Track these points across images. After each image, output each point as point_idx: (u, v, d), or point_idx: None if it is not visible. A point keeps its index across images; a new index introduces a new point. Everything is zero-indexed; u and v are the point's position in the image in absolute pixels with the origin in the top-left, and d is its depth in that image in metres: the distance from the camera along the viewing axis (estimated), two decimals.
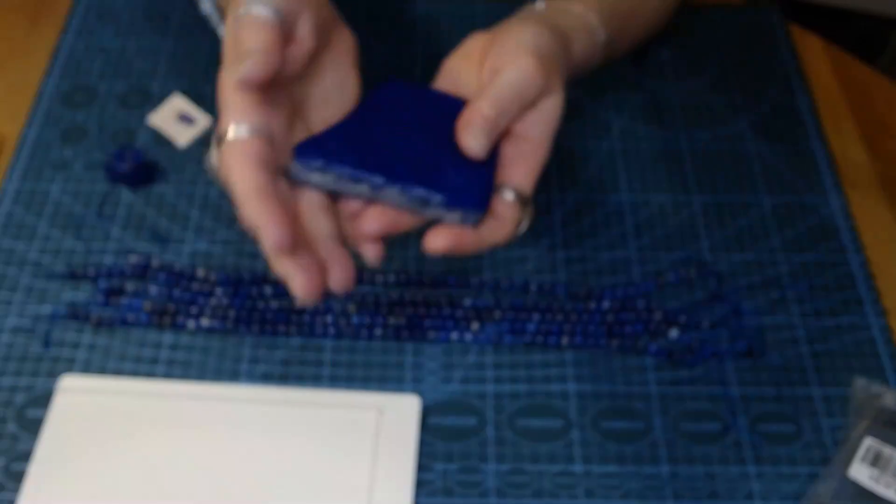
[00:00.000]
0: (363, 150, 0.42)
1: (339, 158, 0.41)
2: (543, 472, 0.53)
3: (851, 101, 0.74)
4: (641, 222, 0.65)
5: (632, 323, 0.59)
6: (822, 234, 0.65)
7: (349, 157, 0.42)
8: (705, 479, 0.53)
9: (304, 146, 0.42)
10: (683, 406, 0.56)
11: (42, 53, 0.75)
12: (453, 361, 0.58)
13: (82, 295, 0.60)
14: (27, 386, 0.56)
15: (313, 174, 0.42)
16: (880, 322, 0.60)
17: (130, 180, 0.65)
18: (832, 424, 0.55)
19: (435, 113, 0.46)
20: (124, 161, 0.65)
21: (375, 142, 0.43)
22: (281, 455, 0.53)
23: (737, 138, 0.71)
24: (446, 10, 0.80)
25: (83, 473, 0.51)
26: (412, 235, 0.64)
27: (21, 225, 0.63)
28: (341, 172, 0.42)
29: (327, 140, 0.43)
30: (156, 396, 0.55)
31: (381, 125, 0.44)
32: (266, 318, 0.59)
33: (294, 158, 0.42)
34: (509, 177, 0.46)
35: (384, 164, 0.42)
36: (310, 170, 0.42)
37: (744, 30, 0.79)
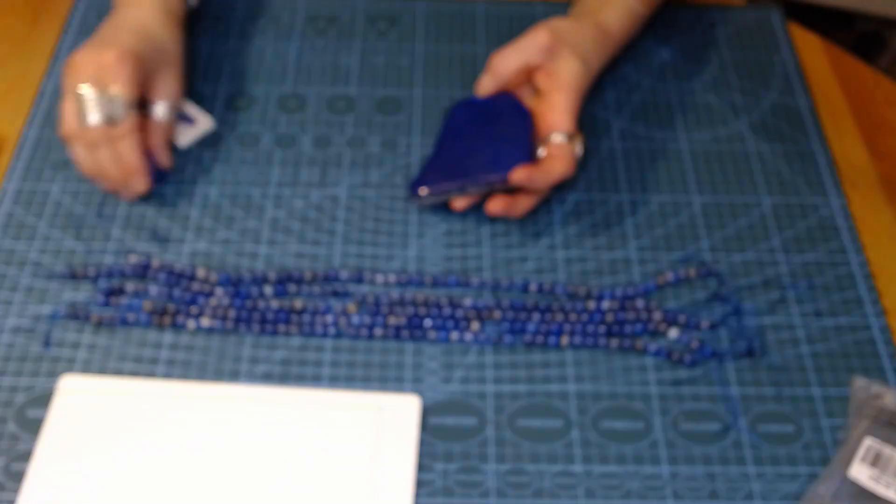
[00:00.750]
0: (448, 169, 0.61)
1: (436, 184, 0.61)
2: (543, 472, 0.53)
3: (851, 101, 0.74)
4: (641, 222, 0.65)
5: (632, 323, 0.59)
6: (821, 234, 0.65)
7: (441, 180, 0.61)
8: (705, 479, 0.53)
9: (415, 183, 0.62)
10: (683, 406, 0.56)
11: (43, 53, 0.75)
12: (453, 361, 0.58)
13: (82, 295, 0.60)
14: (27, 386, 0.56)
15: (424, 199, 0.62)
16: (880, 322, 0.60)
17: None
18: (832, 424, 0.55)
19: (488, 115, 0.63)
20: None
21: (454, 158, 0.62)
22: (281, 455, 0.53)
23: (737, 138, 0.71)
24: (447, 10, 0.80)
25: (83, 473, 0.51)
26: (411, 236, 0.64)
27: (21, 225, 0.63)
28: (439, 192, 0.61)
29: (425, 173, 0.62)
30: (156, 396, 0.55)
31: (456, 142, 0.63)
32: (266, 318, 0.59)
33: (410, 192, 0.62)
34: (550, 124, 0.61)
35: (462, 171, 0.61)
36: (420, 197, 0.62)
37: (744, 30, 0.79)
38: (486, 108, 0.64)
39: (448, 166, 0.61)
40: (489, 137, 0.62)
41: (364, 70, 0.75)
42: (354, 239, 0.64)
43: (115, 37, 0.63)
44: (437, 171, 0.61)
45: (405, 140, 0.70)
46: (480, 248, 0.64)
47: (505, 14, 0.80)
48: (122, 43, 0.62)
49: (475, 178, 0.60)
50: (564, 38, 0.63)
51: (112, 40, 0.62)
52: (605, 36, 0.67)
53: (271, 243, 0.63)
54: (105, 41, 0.62)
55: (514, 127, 0.62)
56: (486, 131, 0.63)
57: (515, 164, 0.59)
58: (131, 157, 0.61)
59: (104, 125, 0.60)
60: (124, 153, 0.61)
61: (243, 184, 0.67)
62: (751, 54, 0.77)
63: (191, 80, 0.73)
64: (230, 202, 0.65)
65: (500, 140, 0.61)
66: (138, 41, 0.63)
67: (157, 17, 0.66)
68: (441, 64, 0.75)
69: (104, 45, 0.61)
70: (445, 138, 0.64)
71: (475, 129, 0.63)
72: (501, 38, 0.78)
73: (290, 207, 0.65)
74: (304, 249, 0.63)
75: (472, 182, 0.60)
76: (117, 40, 0.62)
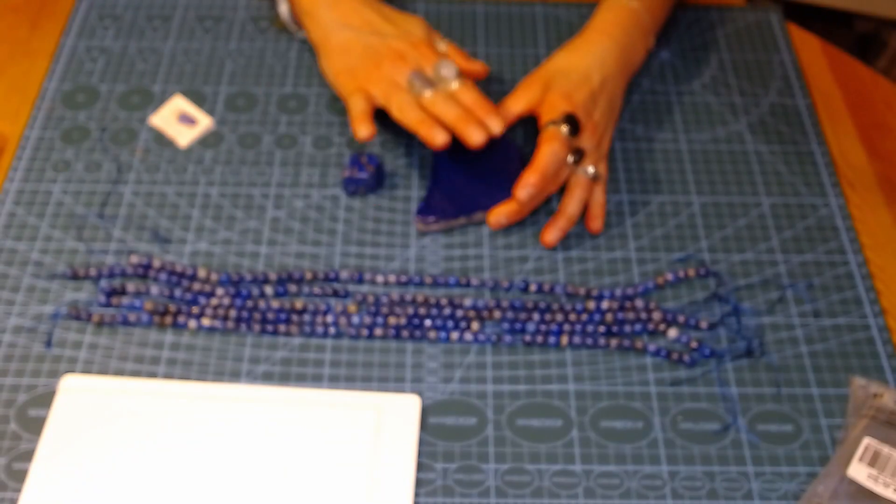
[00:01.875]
0: (453, 198, 0.64)
1: (443, 211, 0.64)
2: (543, 472, 0.53)
3: (850, 101, 0.74)
4: (641, 222, 0.65)
5: (631, 323, 0.59)
6: (820, 235, 0.65)
7: (448, 208, 0.64)
8: (704, 479, 0.53)
9: (422, 209, 0.64)
10: (682, 406, 0.56)
11: (44, 54, 0.75)
12: (453, 361, 0.58)
13: (84, 295, 0.60)
14: (29, 385, 0.56)
15: (432, 226, 0.64)
16: (879, 322, 0.60)
17: (371, 185, 0.66)
18: (831, 424, 0.56)
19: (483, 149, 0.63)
20: (363, 169, 0.65)
21: (455, 187, 0.65)
22: (281, 454, 0.53)
23: (736, 139, 0.71)
24: (446, 10, 0.80)
25: (85, 472, 0.52)
26: (411, 236, 0.64)
27: (23, 225, 0.64)
28: (447, 218, 0.64)
29: (431, 200, 0.64)
30: (157, 396, 0.55)
31: (453, 171, 0.65)
32: (267, 318, 0.59)
33: (418, 218, 0.63)
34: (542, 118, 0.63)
35: (468, 201, 0.64)
36: (429, 224, 0.64)
37: (743, 30, 0.79)
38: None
39: (452, 197, 0.64)
40: (487, 169, 0.65)
41: None
42: (354, 239, 0.64)
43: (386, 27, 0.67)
44: (442, 201, 0.64)
45: (404, 141, 0.70)
46: (480, 248, 0.64)
47: (504, 15, 0.80)
48: (419, 31, 0.66)
49: (484, 208, 0.63)
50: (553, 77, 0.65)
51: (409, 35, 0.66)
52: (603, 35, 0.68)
53: (271, 243, 0.63)
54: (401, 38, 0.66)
55: (508, 157, 0.66)
56: (482, 163, 0.65)
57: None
58: (478, 99, 0.62)
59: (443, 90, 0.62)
60: (471, 100, 0.62)
61: (244, 184, 0.67)
62: (750, 55, 0.77)
63: (191, 80, 0.73)
64: (231, 202, 0.66)
65: (500, 171, 0.65)
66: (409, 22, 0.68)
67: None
68: None
69: (395, 34, 0.65)
70: (441, 168, 0.66)
71: (470, 161, 0.65)
72: (501, 39, 0.78)
73: (290, 207, 0.65)
74: (304, 249, 0.63)
75: (481, 211, 0.63)
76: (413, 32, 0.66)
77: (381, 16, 0.67)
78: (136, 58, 0.75)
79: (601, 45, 0.67)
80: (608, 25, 0.68)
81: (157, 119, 0.70)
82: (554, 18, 0.80)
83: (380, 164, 0.65)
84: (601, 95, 0.65)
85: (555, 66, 0.66)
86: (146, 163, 0.68)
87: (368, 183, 0.65)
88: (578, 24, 0.78)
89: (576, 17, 0.80)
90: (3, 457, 0.53)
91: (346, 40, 0.66)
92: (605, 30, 0.68)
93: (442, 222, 0.63)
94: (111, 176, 0.67)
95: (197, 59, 0.75)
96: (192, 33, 0.77)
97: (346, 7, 0.67)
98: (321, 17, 0.68)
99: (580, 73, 0.65)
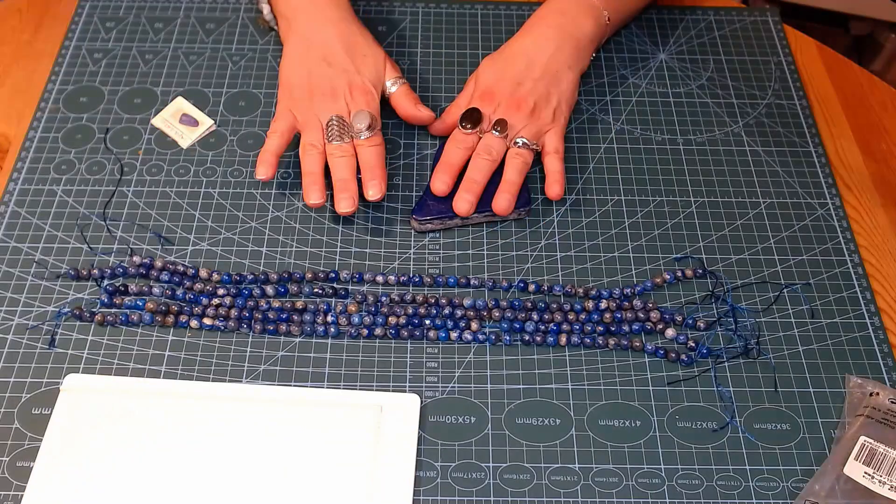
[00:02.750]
0: (448, 199, 0.64)
1: (439, 211, 0.64)
2: (542, 471, 0.54)
3: (846, 103, 0.75)
4: (638, 223, 0.66)
5: (629, 322, 0.60)
6: (817, 235, 0.65)
7: (444, 209, 0.64)
8: (702, 477, 0.54)
9: (417, 209, 0.64)
10: (680, 405, 0.57)
11: (47, 56, 0.76)
12: (453, 361, 0.58)
13: (87, 295, 0.60)
14: (32, 385, 0.56)
15: (427, 225, 0.64)
16: (875, 321, 0.61)
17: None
18: (827, 423, 0.56)
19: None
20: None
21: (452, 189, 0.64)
22: (282, 453, 0.53)
23: (733, 140, 0.71)
24: (446, 11, 0.80)
25: (87, 471, 0.52)
26: (411, 236, 0.65)
27: (26, 226, 0.64)
28: (443, 218, 0.64)
29: (428, 200, 0.65)
30: (158, 396, 0.55)
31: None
32: (267, 318, 0.59)
33: (413, 217, 0.64)
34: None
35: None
36: (424, 223, 0.64)
37: (740, 32, 0.80)
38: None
39: (448, 198, 0.64)
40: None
41: None
42: (354, 239, 0.64)
43: (337, 58, 0.68)
44: (437, 201, 0.64)
45: (403, 141, 0.70)
46: (480, 248, 0.64)
47: (504, 15, 0.80)
48: (363, 76, 0.67)
49: (479, 210, 0.64)
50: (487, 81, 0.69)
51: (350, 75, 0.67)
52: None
53: (272, 243, 0.64)
54: (326, 62, 0.67)
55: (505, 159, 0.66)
56: None
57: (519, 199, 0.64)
58: (370, 161, 0.64)
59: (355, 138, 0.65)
60: (366, 160, 0.64)
61: (244, 184, 0.67)
62: (747, 56, 0.78)
63: (193, 81, 0.74)
64: (231, 202, 0.66)
65: (496, 172, 0.65)
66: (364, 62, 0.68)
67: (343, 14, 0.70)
68: (440, 66, 0.76)
69: (339, 85, 0.66)
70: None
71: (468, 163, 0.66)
72: (500, 41, 0.78)
73: (290, 207, 0.66)
74: (304, 249, 0.63)
75: (476, 212, 0.64)
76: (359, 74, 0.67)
77: (343, 45, 0.68)
78: (138, 59, 0.75)
79: (533, 31, 0.70)
80: (543, 11, 0.71)
81: (159, 120, 0.71)
82: None
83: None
84: (528, 74, 0.67)
85: (486, 61, 0.70)
86: (148, 164, 0.68)
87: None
88: None
89: None
90: (6, 455, 0.53)
91: (300, 57, 0.68)
92: (539, 15, 0.71)
93: (437, 222, 0.64)
94: (113, 177, 0.67)
95: (198, 61, 0.75)
96: (193, 35, 0.77)
97: (318, 24, 0.69)
98: (294, 25, 0.69)
99: (504, 64, 0.68)
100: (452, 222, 0.64)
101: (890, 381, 0.58)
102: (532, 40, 0.69)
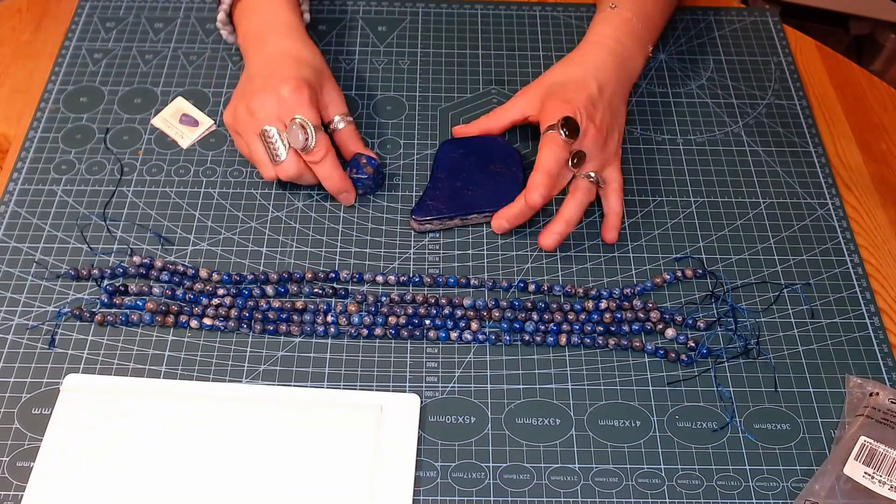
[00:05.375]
0: (449, 200, 0.64)
1: (439, 211, 0.64)
2: (542, 471, 0.54)
3: (845, 103, 0.75)
4: (638, 222, 0.66)
5: (629, 322, 0.60)
6: (816, 235, 0.65)
7: (443, 209, 0.64)
8: (702, 477, 0.54)
9: (417, 209, 0.64)
10: (680, 405, 0.57)
11: (47, 56, 0.76)
12: (453, 361, 0.58)
13: (87, 295, 0.60)
14: (32, 385, 0.56)
15: (426, 225, 0.64)
16: (875, 321, 0.61)
17: (371, 186, 0.66)
18: (827, 423, 0.56)
19: (479, 152, 0.67)
20: (362, 170, 0.65)
21: (452, 190, 0.65)
22: (282, 453, 0.53)
23: (733, 140, 0.71)
24: (446, 11, 0.80)
25: (87, 471, 0.52)
26: (411, 236, 0.65)
27: (26, 226, 0.64)
28: (442, 218, 0.64)
29: (427, 200, 0.64)
30: (158, 395, 0.55)
31: (452, 176, 0.66)
32: (267, 318, 0.59)
33: (412, 218, 0.64)
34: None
35: (464, 203, 0.64)
36: (424, 223, 0.64)
37: (740, 32, 0.80)
38: (476, 146, 0.68)
39: (447, 198, 0.64)
40: (486, 173, 0.66)
41: (363, 72, 0.75)
42: (354, 239, 0.64)
43: (278, 72, 0.63)
44: (437, 202, 0.64)
45: (402, 141, 0.71)
46: (480, 248, 0.64)
47: (504, 15, 0.80)
48: (291, 75, 0.62)
49: (479, 210, 0.64)
50: (551, 86, 0.66)
51: (278, 75, 0.62)
52: (599, 46, 0.68)
53: (272, 243, 0.64)
54: (270, 78, 0.62)
55: (507, 163, 0.66)
56: (481, 167, 0.66)
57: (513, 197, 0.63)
58: (333, 178, 0.63)
59: (300, 154, 0.61)
60: (326, 175, 0.62)
61: (244, 184, 0.67)
62: (747, 56, 0.78)
63: (193, 81, 0.74)
64: (231, 202, 0.66)
65: (497, 175, 0.66)
66: (300, 69, 0.64)
67: (298, 40, 0.67)
68: (440, 66, 0.76)
69: (273, 82, 0.62)
70: (440, 172, 0.66)
71: (469, 165, 0.66)
72: (499, 41, 0.78)
73: (290, 207, 0.66)
74: (304, 249, 0.63)
75: (476, 213, 0.64)
76: (283, 74, 0.62)
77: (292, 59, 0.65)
78: (138, 59, 0.75)
79: (596, 55, 0.67)
80: (603, 37, 0.68)
81: (159, 120, 0.71)
82: (553, 19, 0.80)
83: (378, 165, 0.66)
84: (600, 101, 0.65)
85: (552, 77, 0.67)
86: (148, 163, 0.68)
87: (367, 184, 0.66)
88: (576, 26, 0.79)
89: (574, 18, 0.80)
90: (6, 455, 0.53)
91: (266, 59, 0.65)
92: (600, 41, 0.68)
93: (436, 222, 0.64)
94: (113, 177, 0.67)
95: (198, 61, 0.75)
96: (193, 35, 0.77)
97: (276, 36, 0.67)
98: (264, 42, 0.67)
99: (577, 82, 0.65)
100: (452, 223, 0.64)
101: (890, 381, 0.58)
102: (594, 67, 0.66)
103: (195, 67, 0.75)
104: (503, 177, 0.65)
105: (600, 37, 0.69)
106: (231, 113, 0.64)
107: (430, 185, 0.66)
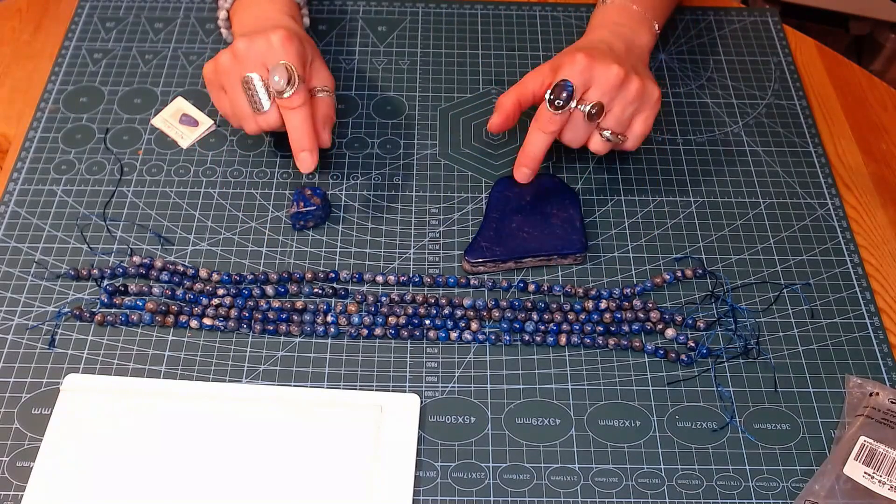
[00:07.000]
0: (502, 242, 0.63)
1: (493, 254, 0.62)
2: (542, 471, 0.54)
3: (845, 103, 0.75)
4: (638, 222, 0.66)
5: (629, 322, 0.60)
6: (817, 235, 0.65)
7: (497, 251, 0.62)
8: (702, 478, 0.54)
9: (470, 250, 0.62)
10: (680, 405, 0.57)
11: (46, 56, 0.76)
12: (453, 361, 0.58)
13: (86, 295, 0.60)
14: (32, 385, 0.56)
15: (479, 267, 0.62)
16: (874, 321, 0.61)
17: (320, 217, 0.64)
18: (827, 423, 0.56)
19: (534, 192, 0.66)
20: (309, 202, 0.63)
21: (507, 232, 0.63)
22: (282, 453, 0.53)
23: (733, 140, 0.71)
24: (446, 11, 0.80)
25: (87, 471, 0.52)
26: (411, 236, 0.65)
27: (26, 226, 0.64)
28: (496, 261, 0.62)
29: (480, 243, 0.63)
30: (158, 395, 0.55)
31: (505, 216, 0.64)
32: (267, 318, 0.59)
33: (465, 259, 0.62)
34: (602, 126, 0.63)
35: (518, 246, 0.63)
36: (477, 265, 0.62)
37: (740, 32, 0.80)
38: (531, 184, 0.65)
39: (502, 239, 0.63)
40: (542, 214, 0.64)
41: (363, 72, 0.75)
42: (354, 239, 0.64)
43: (270, 23, 0.62)
44: (491, 243, 0.62)
45: (402, 141, 0.71)
46: None
47: (504, 15, 0.80)
48: (283, 26, 0.61)
49: (534, 254, 0.62)
50: (598, 52, 0.62)
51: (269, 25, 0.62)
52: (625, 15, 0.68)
53: (272, 243, 0.64)
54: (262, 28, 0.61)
55: (564, 205, 0.65)
56: (537, 208, 0.65)
57: (570, 242, 0.63)
58: (302, 131, 0.60)
59: (276, 99, 0.59)
60: (296, 127, 0.60)
61: (244, 184, 0.67)
62: (747, 56, 0.78)
63: (193, 82, 0.74)
64: (231, 202, 0.66)
65: (553, 217, 0.64)
66: (293, 25, 0.64)
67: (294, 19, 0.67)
68: (440, 66, 0.76)
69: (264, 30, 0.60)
70: (493, 211, 0.64)
71: (524, 205, 0.65)
72: (499, 41, 0.78)
73: (290, 207, 0.66)
74: (304, 249, 0.64)
75: (531, 257, 0.62)
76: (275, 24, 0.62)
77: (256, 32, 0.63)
78: (138, 59, 0.75)
79: (600, 37, 0.66)
80: (602, 22, 0.68)
81: (159, 120, 0.71)
82: (553, 19, 0.80)
83: (324, 194, 0.64)
84: (615, 45, 0.64)
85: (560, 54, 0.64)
86: (148, 164, 0.68)
87: (317, 214, 0.64)
88: (576, 26, 0.79)
89: (574, 18, 0.80)
90: (6, 455, 0.53)
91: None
92: (600, 26, 0.68)
93: (490, 265, 0.62)
94: (113, 177, 0.67)
95: (198, 61, 0.75)
96: (193, 35, 0.78)
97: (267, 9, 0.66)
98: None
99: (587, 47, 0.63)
100: (505, 265, 0.62)
101: (890, 381, 0.58)
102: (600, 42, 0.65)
103: (195, 67, 0.75)
104: (561, 219, 0.64)
105: (599, 22, 0.68)
106: (212, 64, 0.62)
107: (483, 224, 0.64)
